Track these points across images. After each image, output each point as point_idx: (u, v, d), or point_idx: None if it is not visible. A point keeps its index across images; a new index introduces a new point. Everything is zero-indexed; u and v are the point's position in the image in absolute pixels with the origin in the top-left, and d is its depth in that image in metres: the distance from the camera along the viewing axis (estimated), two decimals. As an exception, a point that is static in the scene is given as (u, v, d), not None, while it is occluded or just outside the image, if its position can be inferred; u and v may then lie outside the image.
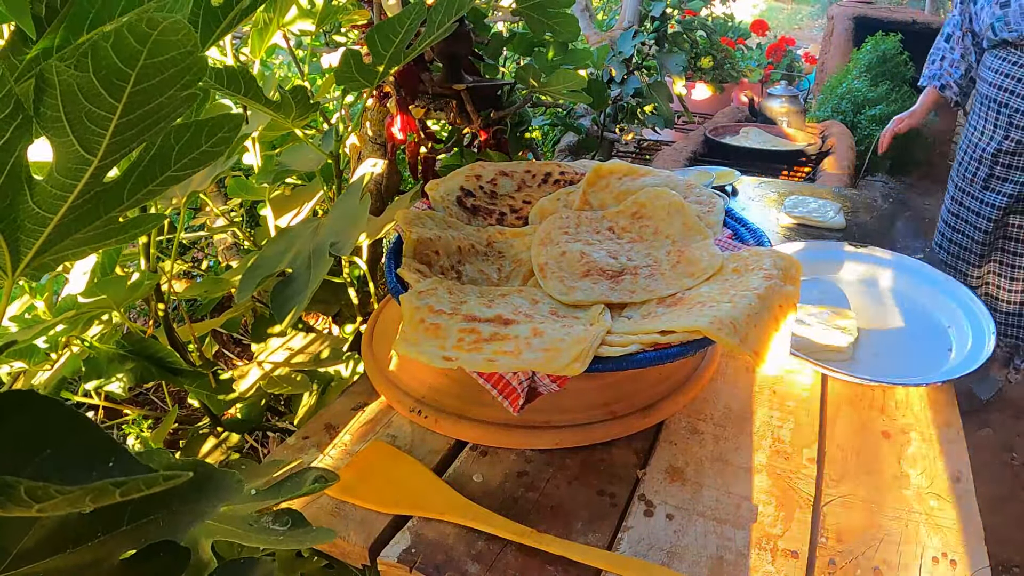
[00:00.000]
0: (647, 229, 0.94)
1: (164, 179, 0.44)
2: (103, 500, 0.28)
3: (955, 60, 2.01)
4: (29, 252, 0.41)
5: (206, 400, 0.91)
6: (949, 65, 2.04)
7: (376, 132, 1.15)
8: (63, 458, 0.29)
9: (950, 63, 2.03)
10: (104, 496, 0.27)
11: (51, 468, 0.29)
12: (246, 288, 0.74)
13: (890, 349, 1.03)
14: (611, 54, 2.24)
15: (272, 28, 1.05)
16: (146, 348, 0.84)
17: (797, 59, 4.72)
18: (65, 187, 0.39)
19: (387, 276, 0.85)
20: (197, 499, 0.36)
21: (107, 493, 0.27)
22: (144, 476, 0.27)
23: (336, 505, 0.73)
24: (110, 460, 0.29)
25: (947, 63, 2.04)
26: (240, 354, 2.03)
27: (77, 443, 0.30)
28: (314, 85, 1.39)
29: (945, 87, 2.07)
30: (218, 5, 0.57)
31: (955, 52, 2.00)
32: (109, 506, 0.37)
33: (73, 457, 0.29)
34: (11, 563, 0.33)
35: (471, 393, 0.80)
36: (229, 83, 0.78)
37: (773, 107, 2.46)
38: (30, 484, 0.26)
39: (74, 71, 0.34)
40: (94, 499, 0.28)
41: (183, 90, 0.38)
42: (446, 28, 0.86)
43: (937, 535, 0.71)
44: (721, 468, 0.79)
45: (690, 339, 0.71)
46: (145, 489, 0.28)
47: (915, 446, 0.83)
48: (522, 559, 0.66)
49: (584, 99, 1.21)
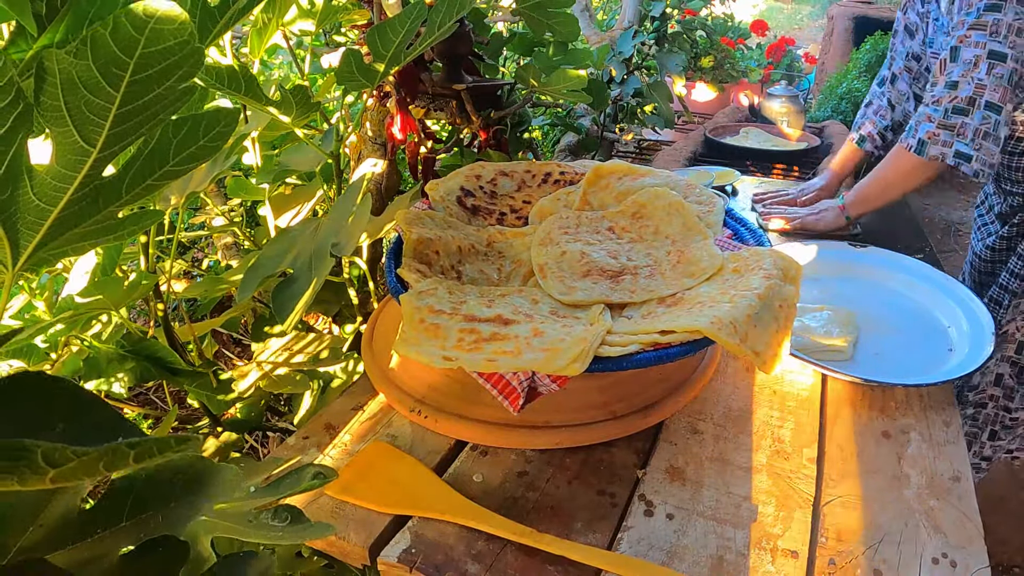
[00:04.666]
0: (647, 229, 0.94)
1: (162, 174, 0.44)
2: (117, 464, 0.28)
3: (882, 109, 1.61)
4: (29, 246, 0.41)
5: (206, 400, 0.91)
6: (874, 113, 1.63)
7: (376, 132, 1.15)
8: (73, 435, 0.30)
9: (875, 110, 1.63)
10: (118, 460, 0.28)
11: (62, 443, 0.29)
12: (246, 288, 0.74)
13: (890, 349, 1.03)
14: (611, 54, 2.24)
15: (272, 28, 1.05)
16: (146, 348, 0.84)
17: (797, 59, 4.72)
18: (65, 179, 0.39)
19: (387, 276, 0.84)
20: (196, 494, 0.36)
21: (122, 455, 0.28)
22: (156, 439, 0.28)
23: (336, 505, 0.72)
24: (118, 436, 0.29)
25: (871, 110, 1.64)
26: (240, 354, 2.03)
27: (87, 420, 0.30)
28: (314, 85, 1.39)
29: (864, 139, 1.62)
30: (215, 5, 0.57)
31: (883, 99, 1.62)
32: (109, 502, 0.37)
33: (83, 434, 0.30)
34: (12, 559, 0.33)
35: (471, 393, 0.80)
36: (229, 82, 0.78)
37: (773, 107, 2.46)
38: (48, 447, 0.26)
39: (73, 60, 0.34)
40: (108, 464, 0.28)
41: (181, 81, 0.38)
42: (447, 28, 0.86)
43: (937, 535, 0.71)
44: (721, 468, 0.79)
45: (690, 339, 0.71)
46: (157, 454, 0.28)
47: (915, 446, 0.83)
48: (522, 559, 0.66)
49: (584, 99, 1.21)
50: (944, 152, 1.22)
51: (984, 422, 1.50)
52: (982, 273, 1.57)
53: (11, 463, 0.26)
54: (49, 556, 0.33)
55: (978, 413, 1.50)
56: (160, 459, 0.28)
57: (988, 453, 1.54)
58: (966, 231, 3.50)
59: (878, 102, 1.63)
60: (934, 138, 1.22)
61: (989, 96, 1.17)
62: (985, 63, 1.17)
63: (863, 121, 1.65)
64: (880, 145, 1.61)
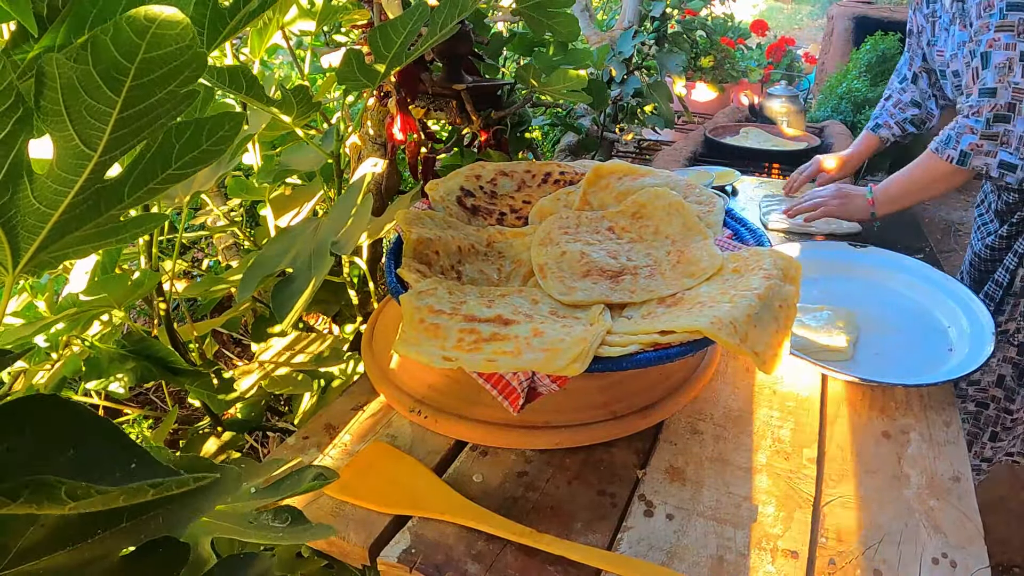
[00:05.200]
0: (647, 229, 0.94)
1: (165, 177, 0.44)
2: (137, 499, 0.29)
3: (903, 102, 1.65)
4: (29, 249, 0.41)
5: (206, 400, 0.91)
6: (893, 105, 1.67)
7: (376, 132, 1.15)
8: (85, 459, 0.30)
9: (895, 103, 1.67)
10: (138, 496, 0.29)
11: (74, 469, 0.30)
12: (247, 288, 0.74)
13: (890, 349, 1.03)
14: (611, 54, 2.24)
15: (272, 28, 1.05)
16: (146, 348, 0.84)
17: (797, 59, 4.72)
18: (65, 182, 0.39)
19: (387, 276, 0.85)
20: (196, 495, 0.36)
21: (142, 493, 0.28)
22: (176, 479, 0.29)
23: (336, 505, 0.73)
24: (131, 461, 0.30)
25: (891, 103, 1.68)
26: (240, 354, 2.03)
27: (98, 445, 0.30)
28: (314, 85, 1.39)
29: (880, 126, 1.67)
30: (226, 7, 0.57)
31: (905, 95, 1.65)
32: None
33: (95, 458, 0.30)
34: (12, 560, 0.33)
35: (471, 393, 0.80)
36: (231, 82, 0.78)
37: (773, 107, 2.46)
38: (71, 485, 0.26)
39: (74, 64, 0.34)
40: (128, 498, 0.29)
41: (182, 86, 0.38)
42: (448, 29, 0.86)
43: (937, 535, 0.71)
44: (721, 468, 0.79)
45: (690, 339, 0.71)
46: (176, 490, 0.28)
47: (915, 446, 0.83)
48: (522, 559, 0.66)
49: (584, 99, 1.21)
50: (988, 163, 1.20)
51: (985, 423, 1.50)
52: (982, 272, 1.56)
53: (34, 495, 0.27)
54: (49, 557, 0.33)
55: (980, 414, 1.50)
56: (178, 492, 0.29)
57: (989, 454, 1.54)
58: (966, 231, 3.49)
59: (898, 96, 1.65)
60: (977, 150, 1.21)
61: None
62: (1019, 65, 1.15)
63: (881, 112, 1.67)
64: (899, 135, 1.64)
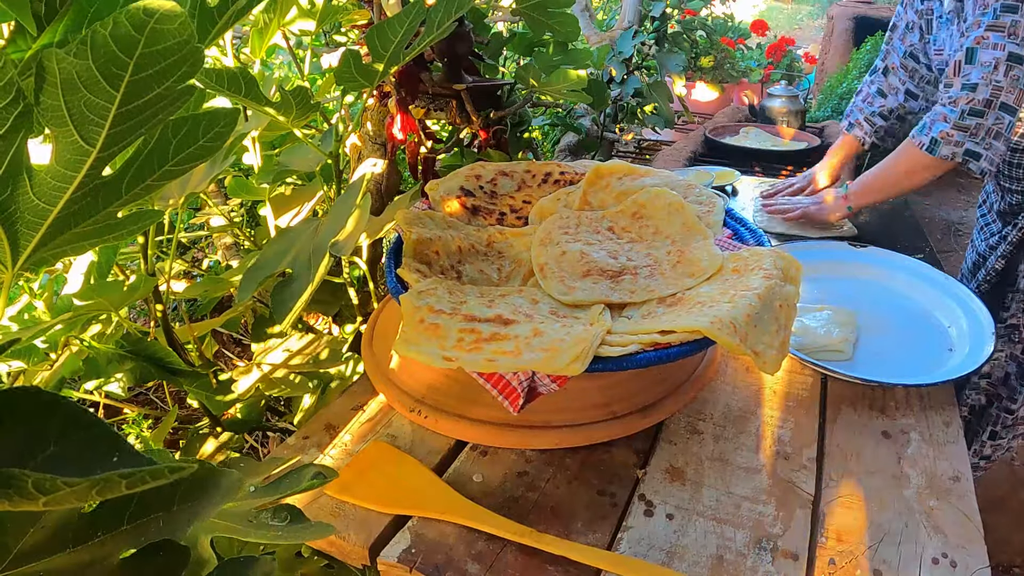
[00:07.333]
0: (647, 229, 0.94)
1: (162, 173, 0.44)
2: (109, 492, 0.28)
3: (870, 95, 1.60)
4: (29, 245, 0.41)
5: (206, 400, 0.91)
6: (862, 100, 1.61)
7: (376, 132, 1.15)
8: (67, 454, 0.29)
9: (863, 97, 1.62)
10: (110, 488, 0.28)
11: (55, 464, 0.29)
12: (246, 288, 0.74)
13: (890, 349, 1.03)
14: (611, 54, 2.24)
15: (272, 28, 1.05)
16: (145, 348, 0.84)
17: (797, 59, 4.71)
18: (65, 179, 0.39)
19: (387, 276, 0.84)
20: (197, 498, 0.36)
21: (113, 485, 0.28)
22: (149, 468, 0.28)
23: (336, 505, 0.72)
24: (114, 455, 0.29)
25: (859, 97, 1.63)
26: (240, 354, 2.03)
27: (81, 439, 0.30)
28: (314, 85, 1.39)
29: (852, 125, 1.61)
30: (214, 5, 0.57)
31: (872, 87, 1.60)
32: (110, 506, 0.37)
33: (77, 452, 0.30)
34: (12, 562, 0.33)
35: (471, 393, 0.80)
36: (229, 84, 0.78)
37: (773, 107, 2.46)
38: (38, 477, 0.26)
39: (73, 59, 0.34)
40: (100, 491, 0.28)
41: (181, 81, 0.38)
42: (446, 28, 0.86)
43: (937, 535, 0.71)
44: (721, 468, 0.79)
45: (690, 339, 0.71)
46: (151, 481, 0.28)
47: (915, 446, 0.83)
48: (522, 559, 0.66)
49: (584, 99, 1.21)
50: (955, 152, 1.23)
51: (986, 421, 1.50)
52: (987, 273, 1.56)
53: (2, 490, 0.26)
54: (49, 558, 0.33)
55: (980, 412, 1.50)
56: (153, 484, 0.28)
57: (988, 452, 1.54)
58: (966, 231, 3.49)
59: (867, 90, 1.63)
60: (947, 138, 1.23)
61: (1005, 98, 1.19)
62: (1004, 66, 1.18)
63: (851, 108, 1.66)
64: (869, 132, 1.60)
